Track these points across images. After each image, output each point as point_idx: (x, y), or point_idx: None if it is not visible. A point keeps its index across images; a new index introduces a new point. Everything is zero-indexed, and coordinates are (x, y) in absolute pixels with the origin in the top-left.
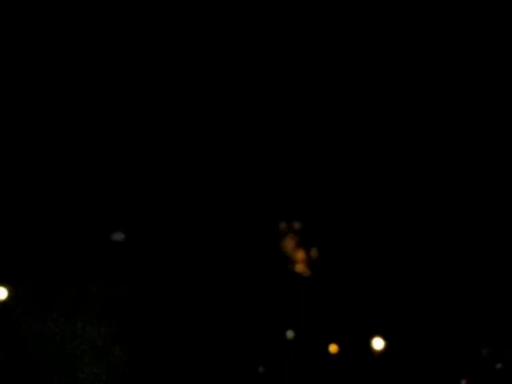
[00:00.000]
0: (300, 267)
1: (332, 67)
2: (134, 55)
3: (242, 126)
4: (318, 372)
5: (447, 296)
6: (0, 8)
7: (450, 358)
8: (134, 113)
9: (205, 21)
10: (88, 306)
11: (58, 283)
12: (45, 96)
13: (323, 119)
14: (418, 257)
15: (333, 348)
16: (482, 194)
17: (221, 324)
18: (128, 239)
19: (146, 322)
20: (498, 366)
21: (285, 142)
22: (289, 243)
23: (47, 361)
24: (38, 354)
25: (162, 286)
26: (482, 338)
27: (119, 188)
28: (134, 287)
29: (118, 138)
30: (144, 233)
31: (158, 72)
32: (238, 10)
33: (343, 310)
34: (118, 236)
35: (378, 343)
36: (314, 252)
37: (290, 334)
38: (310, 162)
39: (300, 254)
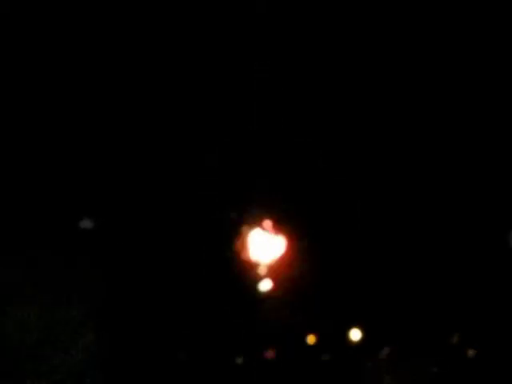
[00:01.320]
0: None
1: (332, 68)
2: (128, 53)
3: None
4: (297, 363)
5: (421, 287)
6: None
7: (424, 348)
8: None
9: (204, 20)
10: (58, 290)
11: (29, 266)
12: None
13: (322, 120)
14: (394, 249)
15: (310, 339)
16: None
17: (195, 310)
18: (99, 226)
19: (118, 307)
20: (470, 352)
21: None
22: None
23: (18, 346)
24: (7, 339)
25: (135, 271)
26: (453, 325)
27: (89, 175)
28: (106, 272)
29: (87, 123)
30: (115, 219)
31: (152, 70)
32: (238, 9)
33: (320, 302)
34: (87, 223)
35: (355, 334)
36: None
37: None
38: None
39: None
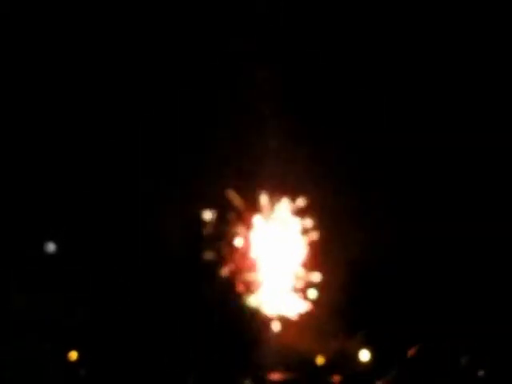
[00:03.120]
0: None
1: (333, 69)
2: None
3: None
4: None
5: (430, 308)
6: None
7: (434, 367)
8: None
9: (204, 20)
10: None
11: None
12: None
13: (321, 121)
14: (400, 264)
15: (320, 360)
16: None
17: (203, 333)
18: (60, 250)
19: (83, 332)
20: (481, 373)
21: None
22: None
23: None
24: None
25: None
26: (462, 346)
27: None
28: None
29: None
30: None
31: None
32: (238, 9)
33: (330, 322)
34: (50, 247)
35: (364, 355)
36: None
37: None
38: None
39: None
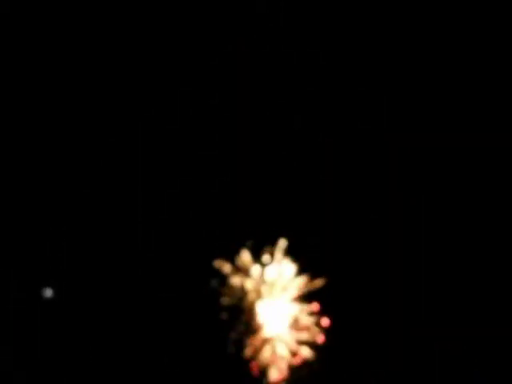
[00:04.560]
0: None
1: (333, 69)
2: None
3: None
4: None
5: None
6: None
7: None
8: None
9: (204, 20)
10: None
11: None
12: None
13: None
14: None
15: None
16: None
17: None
18: (57, 295)
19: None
20: None
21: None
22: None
23: None
24: None
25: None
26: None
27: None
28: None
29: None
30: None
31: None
32: (238, 9)
33: (331, 359)
34: (48, 292)
35: None
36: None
37: None
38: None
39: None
